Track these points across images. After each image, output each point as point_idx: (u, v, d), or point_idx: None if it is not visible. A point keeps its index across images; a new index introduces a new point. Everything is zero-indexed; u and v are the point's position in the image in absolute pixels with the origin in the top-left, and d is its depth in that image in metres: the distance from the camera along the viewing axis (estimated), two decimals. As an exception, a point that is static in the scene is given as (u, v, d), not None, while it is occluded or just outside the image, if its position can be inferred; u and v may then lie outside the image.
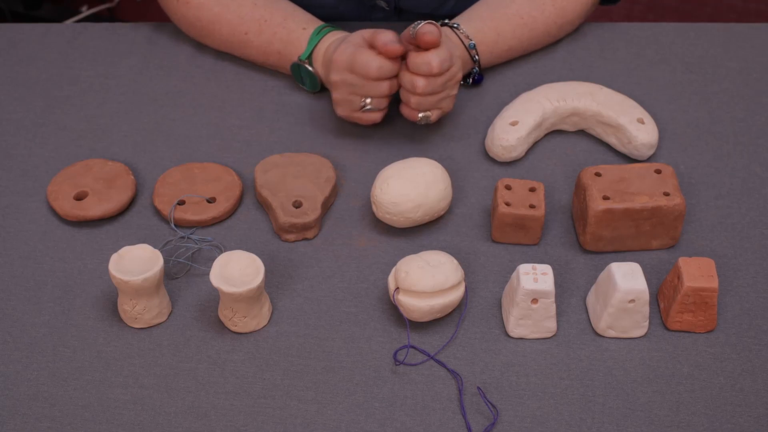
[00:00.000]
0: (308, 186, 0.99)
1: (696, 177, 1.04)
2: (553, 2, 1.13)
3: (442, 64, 0.97)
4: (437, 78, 0.99)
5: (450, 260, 0.88)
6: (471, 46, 1.09)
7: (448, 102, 1.03)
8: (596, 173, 0.95)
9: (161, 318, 0.91)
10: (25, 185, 1.04)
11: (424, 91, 0.99)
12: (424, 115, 1.01)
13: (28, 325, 0.91)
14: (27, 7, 2.32)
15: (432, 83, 0.99)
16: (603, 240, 0.95)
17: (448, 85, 1.01)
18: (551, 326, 0.89)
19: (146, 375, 0.87)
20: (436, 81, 0.99)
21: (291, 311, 0.92)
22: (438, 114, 1.03)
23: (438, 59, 0.97)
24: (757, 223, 0.99)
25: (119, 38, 1.21)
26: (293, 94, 1.13)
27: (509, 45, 1.12)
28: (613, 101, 1.05)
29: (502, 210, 0.94)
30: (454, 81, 1.01)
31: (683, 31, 1.21)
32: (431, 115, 1.02)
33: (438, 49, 0.98)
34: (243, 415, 0.84)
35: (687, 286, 0.86)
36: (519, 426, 0.83)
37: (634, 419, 0.84)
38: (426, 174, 0.95)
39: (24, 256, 0.97)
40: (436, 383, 0.86)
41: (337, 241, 0.98)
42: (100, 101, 1.13)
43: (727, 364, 0.88)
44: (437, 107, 1.02)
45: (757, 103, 1.12)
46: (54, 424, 0.84)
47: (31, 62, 1.18)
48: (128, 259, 0.88)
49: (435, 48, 0.97)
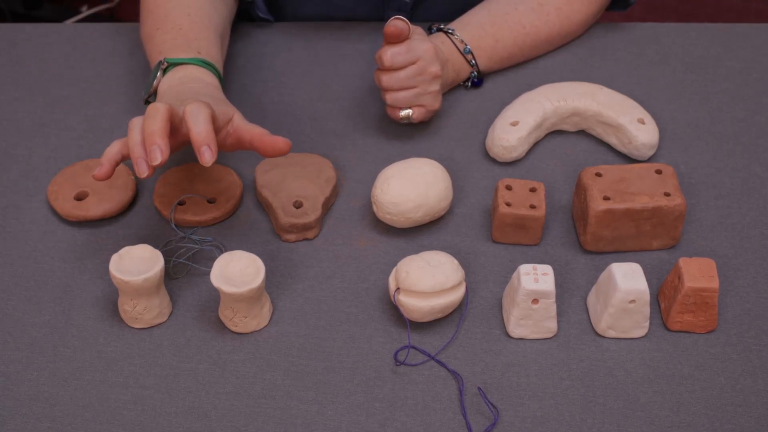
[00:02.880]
0: (309, 186, 0.99)
1: (696, 177, 1.04)
2: (557, 12, 1.13)
3: (393, 57, 0.99)
4: (399, 72, 0.99)
5: (450, 260, 0.88)
6: (466, 51, 1.09)
7: (430, 99, 1.02)
8: (597, 173, 0.95)
9: (162, 318, 0.91)
10: (25, 185, 1.04)
11: (387, 86, 1.00)
12: (405, 113, 1.02)
13: (29, 325, 0.91)
14: (27, 7, 2.32)
15: (394, 78, 1.00)
16: (603, 240, 0.95)
17: (419, 80, 1.01)
18: (552, 326, 0.89)
19: (147, 375, 0.87)
20: (398, 75, 1.00)
21: (291, 311, 0.92)
22: (422, 112, 1.03)
23: (389, 53, 0.99)
24: (757, 223, 0.99)
25: (119, 38, 1.21)
26: (293, 94, 1.13)
27: (510, 52, 1.12)
28: (613, 101, 1.05)
29: (503, 210, 0.94)
30: (428, 77, 1.01)
31: (683, 31, 1.21)
32: (412, 113, 1.02)
33: (395, 44, 0.99)
34: (243, 415, 0.84)
35: (687, 286, 0.86)
36: (519, 426, 0.83)
37: (635, 419, 0.84)
38: (426, 174, 0.95)
39: (24, 256, 0.97)
40: (436, 383, 0.86)
41: (338, 241, 0.98)
42: (100, 101, 1.13)
43: (728, 364, 0.88)
44: (417, 104, 1.02)
45: (757, 103, 1.12)
46: (54, 424, 0.84)
47: (31, 62, 1.18)
48: (128, 260, 0.88)
49: (398, 42, 0.98)
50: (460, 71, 1.10)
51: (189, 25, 1.03)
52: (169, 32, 1.03)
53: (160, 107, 0.85)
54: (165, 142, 0.83)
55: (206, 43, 1.02)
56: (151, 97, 0.99)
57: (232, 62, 1.16)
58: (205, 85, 0.96)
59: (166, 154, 0.83)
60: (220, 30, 1.07)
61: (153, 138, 0.83)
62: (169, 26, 1.03)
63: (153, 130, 0.83)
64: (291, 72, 1.16)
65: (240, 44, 1.19)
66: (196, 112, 0.86)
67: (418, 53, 1.00)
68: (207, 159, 0.84)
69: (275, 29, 1.22)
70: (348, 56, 1.18)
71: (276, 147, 0.89)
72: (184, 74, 0.97)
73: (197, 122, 0.85)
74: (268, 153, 0.90)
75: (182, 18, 1.04)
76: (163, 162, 0.83)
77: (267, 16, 1.20)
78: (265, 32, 1.21)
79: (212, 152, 0.84)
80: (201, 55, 1.00)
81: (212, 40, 1.04)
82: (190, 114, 0.86)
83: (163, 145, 0.83)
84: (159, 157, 0.83)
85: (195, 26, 1.03)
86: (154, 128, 0.83)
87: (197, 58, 0.99)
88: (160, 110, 0.84)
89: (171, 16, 1.04)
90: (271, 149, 0.90)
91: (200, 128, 0.85)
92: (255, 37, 1.20)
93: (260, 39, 1.20)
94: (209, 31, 1.04)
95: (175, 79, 0.97)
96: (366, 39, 1.20)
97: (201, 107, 0.86)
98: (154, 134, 0.83)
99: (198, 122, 0.85)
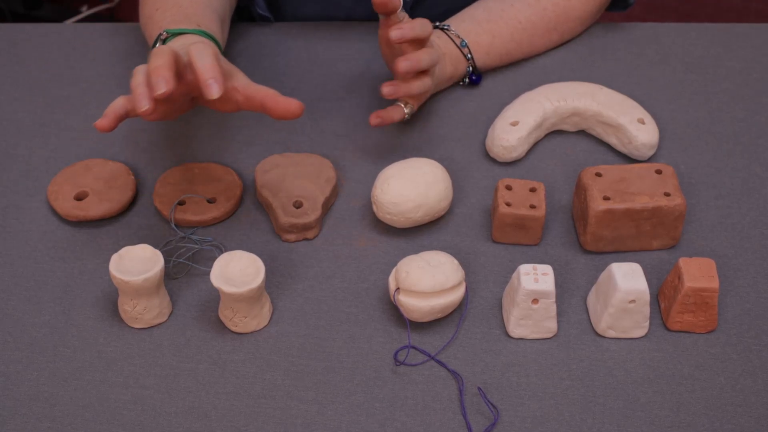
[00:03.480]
0: (309, 186, 0.99)
1: (696, 177, 1.04)
2: (554, 8, 1.13)
3: (424, 60, 0.96)
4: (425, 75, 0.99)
5: (450, 260, 0.88)
6: (462, 45, 1.09)
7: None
8: (597, 173, 0.95)
9: (162, 318, 0.91)
10: (25, 185, 1.04)
11: (418, 91, 0.99)
12: (409, 110, 1.02)
13: (28, 325, 0.91)
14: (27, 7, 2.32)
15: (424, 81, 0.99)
16: (603, 240, 0.95)
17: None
18: (552, 326, 0.89)
19: (147, 375, 0.87)
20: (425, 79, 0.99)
21: (291, 311, 0.92)
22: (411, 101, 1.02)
23: (426, 57, 0.97)
24: (757, 223, 0.99)
25: (119, 38, 1.21)
26: (293, 94, 1.13)
27: (507, 47, 1.12)
28: (613, 101, 1.05)
29: (503, 210, 0.94)
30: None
31: (683, 31, 1.21)
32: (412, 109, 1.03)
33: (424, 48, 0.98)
34: (243, 415, 0.84)
35: (687, 286, 0.86)
36: (519, 426, 0.83)
37: (635, 419, 0.84)
38: (426, 174, 0.95)
39: (24, 256, 0.97)
40: (436, 383, 0.86)
41: (338, 241, 0.98)
42: (100, 101, 1.13)
43: (728, 364, 0.88)
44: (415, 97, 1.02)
45: (758, 103, 1.12)
46: (54, 424, 0.84)
47: (31, 62, 1.18)
48: (128, 260, 0.88)
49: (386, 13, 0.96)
50: (457, 66, 1.10)
51: (189, 3, 1.02)
52: (168, 10, 1.01)
53: (165, 48, 0.83)
54: (171, 74, 0.81)
55: (206, 20, 1.00)
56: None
57: (232, 62, 1.16)
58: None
59: (171, 84, 0.80)
60: (220, 13, 1.05)
61: (158, 71, 0.81)
62: (169, 5, 1.02)
63: (158, 65, 0.81)
64: (291, 72, 1.16)
65: (240, 44, 1.19)
66: (201, 50, 0.84)
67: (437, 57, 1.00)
68: (214, 91, 0.81)
69: (275, 29, 1.22)
70: (348, 56, 1.18)
71: (289, 108, 0.86)
72: (184, 41, 0.94)
73: (202, 57, 0.83)
74: (279, 114, 0.86)
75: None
76: (167, 92, 0.79)
77: (266, 14, 1.20)
78: (264, 32, 1.21)
79: (219, 84, 0.81)
80: (201, 27, 0.98)
81: (212, 18, 1.02)
82: (195, 52, 0.84)
83: (169, 76, 0.81)
84: (164, 87, 0.80)
85: (195, 4, 1.02)
86: (159, 63, 0.81)
87: (198, 29, 0.97)
88: (165, 50, 0.83)
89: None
90: (284, 110, 0.86)
91: (206, 62, 0.83)
92: (255, 36, 1.20)
93: (260, 39, 1.20)
94: (209, 10, 1.03)
95: (176, 45, 0.94)
96: (366, 39, 1.20)
97: (206, 46, 0.84)
98: (159, 68, 0.81)
99: (203, 57, 0.83)
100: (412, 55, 0.95)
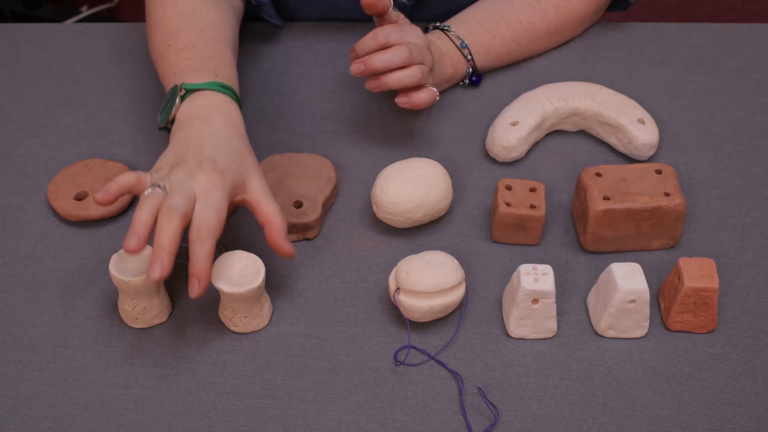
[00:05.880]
0: (309, 186, 0.99)
1: (696, 177, 1.04)
2: (555, 8, 1.13)
3: (389, 35, 0.97)
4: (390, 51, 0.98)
5: (450, 260, 0.88)
6: (463, 46, 1.09)
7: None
8: (597, 173, 0.95)
9: (162, 318, 0.91)
10: (25, 185, 1.04)
11: (383, 65, 0.97)
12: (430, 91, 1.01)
13: (28, 325, 0.91)
14: (27, 7, 2.32)
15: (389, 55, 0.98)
16: (603, 240, 0.95)
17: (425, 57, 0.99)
18: (552, 326, 0.89)
19: (146, 375, 0.87)
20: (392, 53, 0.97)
21: (291, 311, 0.92)
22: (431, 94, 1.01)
23: (384, 29, 0.97)
24: (757, 224, 0.99)
25: (119, 38, 1.21)
26: (293, 94, 1.13)
27: (507, 48, 1.12)
28: (613, 101, 1.05)
29: (503, 210, 0.94)
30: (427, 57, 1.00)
31: (683, 31, 1.21)
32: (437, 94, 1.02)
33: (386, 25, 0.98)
34: (243, 415, 0.84)
35: (687, 286, 0.86)
36: (519, 426, 0.83)
37: (635, 419, 0.84)
38: (426, 174, 0.95)
39: (24, 256, 0.97)
40: (436, 383, 0.86)
41: (338, 241, 0.98)
42: (100, 101, 1.13)
43: (728, 364, 0.88)
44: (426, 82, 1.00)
45: (758, 103, 1.12)
46: (54, 424, 0.84)
47: (31, 62, 1.18)
48: (128, 259, 0.88)
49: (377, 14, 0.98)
50: (458, 67, 1.10)
51: (203, 42, 0.99)
52: (182, 50, 0.98)
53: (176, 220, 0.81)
54: (170, 260, 0.81)
55: (222, 63, 0.98)
56: (169, 124, 0.94)
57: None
58: (224, 128, 0.90)
59: (167, 272, 0.80)
60: (232, 43, 1.03)
61: (159, 254, 0.80)
62: (182, 43, 0.99)
63: (163, 244, 0.81)
64: (291, 72, 1.16)
65: (240, 44, 1.19)
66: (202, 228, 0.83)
67: (410, 37, 0.98)
68: (194, 292, 0.82)
69: (275, 29, 1.21)
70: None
71: (281, 250, 0.87)
72: (204, 102, 0.92)
73: (201, 246, 0.82)
74: (271, 246, 0.87)
75: (195, 34, 1.00)
76: (161, 278, 0.80)
77: (276, 21, 1.18)
78: (265, 32, 1.21)
79: (201, 287, 0.82)
80: (218, 78, 0.95)
81: (228, 58, 1.00)
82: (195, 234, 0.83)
83: (167, 263, 0.80)
84: (158, 272, 0.80)
85: (209, 43, 0.99)
86: (164, 242, 0.81)
87: (215, 82, 0.94)
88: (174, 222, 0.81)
89: (183, 31, 1.00)
90: (277, 248, 0.87)
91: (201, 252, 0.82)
92: (255, 37, 1.20)
93: (260, 39, 1.20)
94: (223, 47, 1.00)
95: (195, 106, 0.92)
96: (366, 39, 1.20)
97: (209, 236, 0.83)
98: (161, 251, 0.80)
99: (202, 245, 0.82)
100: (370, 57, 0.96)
